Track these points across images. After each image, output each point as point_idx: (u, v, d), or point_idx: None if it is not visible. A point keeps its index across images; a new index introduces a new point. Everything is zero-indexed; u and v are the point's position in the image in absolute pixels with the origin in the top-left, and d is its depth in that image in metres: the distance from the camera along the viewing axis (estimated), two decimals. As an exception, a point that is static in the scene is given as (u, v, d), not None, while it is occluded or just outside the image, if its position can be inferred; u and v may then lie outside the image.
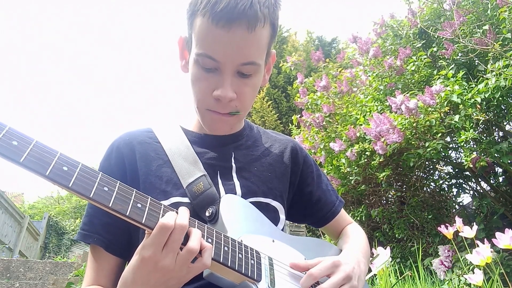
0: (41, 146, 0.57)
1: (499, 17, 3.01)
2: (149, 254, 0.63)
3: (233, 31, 0.76)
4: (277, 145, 1.04)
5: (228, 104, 0.83)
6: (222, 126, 0.89)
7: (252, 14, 0.75)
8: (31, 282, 4.72)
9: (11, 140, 0.54)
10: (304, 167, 1.05)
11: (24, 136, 0.56)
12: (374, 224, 4.32)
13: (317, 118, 3.93)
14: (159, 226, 0.63)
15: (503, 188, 3.71)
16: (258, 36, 0.79)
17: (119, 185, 0.64)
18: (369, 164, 3.52)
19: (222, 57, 0.78)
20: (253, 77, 0.84)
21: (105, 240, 0.85)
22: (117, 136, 0.97)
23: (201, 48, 0.79)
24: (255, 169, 0.96)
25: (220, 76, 0.81)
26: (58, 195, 20.66)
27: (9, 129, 0.55)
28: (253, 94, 0.88)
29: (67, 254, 12.84)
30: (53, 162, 0.57)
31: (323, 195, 1.06)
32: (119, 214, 0.62)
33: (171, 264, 0.64)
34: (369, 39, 4.13)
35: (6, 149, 0.53)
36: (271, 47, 0.90)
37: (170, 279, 0.66)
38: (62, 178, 0.57)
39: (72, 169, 0.59)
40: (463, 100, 2.92)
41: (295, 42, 9.82)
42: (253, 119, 8.44)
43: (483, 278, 1.56)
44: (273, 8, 0.81)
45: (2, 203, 9.18)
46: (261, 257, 0.78)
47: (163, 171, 0.88)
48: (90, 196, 0.59)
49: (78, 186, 0.58)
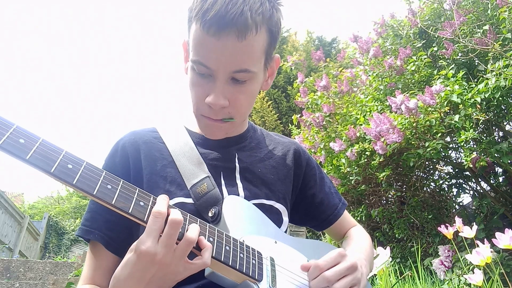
0: (47, 145, 0.59)
1: (499, 17, 3.01)
2: (146, 247, 0.63)
3: (223, 39, 0.75)
4: (280, 147, 1.05)
5: (221, 110, 0.83)
6: (215, 131, 0.89)
7: (241, 22, 0.74)
8: (31, 282, 4.71)
9: (18, 138, 0.56)
10: (307, 169, 1.06)
11: (31, 135, 0.58)
12: (374, 224, 4.32)
13: (317, 117, 3.94)
14: (152, 213, 0.64)
15: (503, 188, 3.71)
16: (251, 44, 0.78)
17: (123, 183, 0.65)
18: (369, 164, 3.52)
19: (214, 65, 0.78)
20: (248, 84, 0.83)
21: (106, 237, 0.85)
22: (122, 135, 0.97)
23: (195, 55, 0.80)
24: (259, 170, 0.96)
25: (214, 83, 0.81)
26: (58, 195, 20.67)
27: (16, 127, 0.56)
28: (249, 101, 0.87)
29: (67, 254, 12.86)
30: (58, 160, 0.58)
31: (326, 197, 1.06)
32: (121, 211, 0.63)
33: (168, 257, 0.64)
34: (370, 39, 4.13)
35: (13, 146, 0.55)
36: (272, 52, 0.89)
37: (166, 274, 0.66)
38: (67, 175, 0.58)
39: (76, 167, 0.60)
40: (463, 100, 2.92)
41: (295, 42, 9.81)
42: (253, 119, 8.43)
43: (483, 278, 1.56)
44: (269, 14, 0.80)
45: (2, 203, 9.18)
46: (263, 258, 0.78)
47: (168, 171, 0.89)
48: (93, 194, 0.60)
49: (82, 183, 0.60)
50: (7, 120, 0.56)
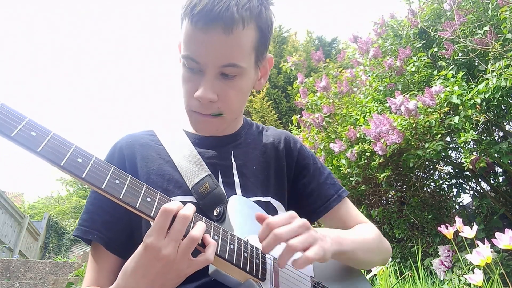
0: (58, 138, 0.60)
1: (499, 17, 3.01)
2: (151, 240, 0.64)
3: (210, 33, 0.77)
4: (271, 139, 1.04)
5: (210, 105, 0.84)
6: (206, 127, 0.89)
7: (228, 16, 0.76)
8: (31, 282, 4.72)
9: (30, 131, 0.57)
10: (300, 158, 1.04)
11: (43, 128, 0.60)
12: (374, 224, 4.32)
13: (317, 118, 3.94)
14: (161, 210, 0.65)
15: (503, 188, 3.72)
16: (239, 39, 0.79)
17: (130, 179, 0.66)
18: (369, 164, 3.52)
19: (203, 59, 0.80)
20: (237, 80, 0.84)
21: (105, 237, 0.85)
22: (119, 138, 0.98)
23: (185, 50, 0.81)
24: (254, 168, 0.97)
25: (203, 77, 0.82)
26: (58, 195, 20.68)
27: (29, 120, 0.58)
28: (239, 97, 0.87)
29: (67, 254, 12.86)
30: (69, 154, 0.60)
31: (318, 187, 1.02)
32: (129, 206, 0.64)
33: (172, 253, 0.64)
34: (370, 39, 4.13)
35: (25, 139, 0.56)
36: (265, 51, 0.89)
37: (170, 270, 0.66)
38: (76, 169, 0.60)
39: (86, 161, 0.62)
40: (462, 101, 2.92)
41: (295, 42, 9.81)
42: (253, 119, 8.43)
43: (483, 278, 1.56)
44: (257, 10, 0.81)
45: (2, 203, 9.19)
46: (266, 257, 0.79)
47: (165, 169, 0.90)
48: (102, 188, 0.61)
49: (91, 177, 0.61)
50: (20, 113, 0.58)
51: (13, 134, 0.55)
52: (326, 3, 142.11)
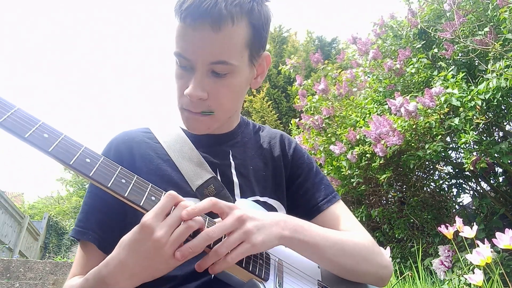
0: (68, 140, 0.66)
1: (499, 17, 3.01)
2: (148, 219, 0.64)
3: (199, 30, 0.76)
4: (267, 140, 1.03)
5: (200, 103, 0.83)
6: (196, 125, 0.87)
7: (215, 13, 0.75)
8: (31, 282, 4.71)
9: (43, 133, 0.63)
10: (295, 157, 1.02)
11: (55, 130, 0.65)
12: (374, 224, 4.33)
13: (316, 120, 3.93)
14: (167, 193, 0.67)
15: (503, 188, 3.72)
16: (228, 36, 0.77)
17: (137, 178, 0.69)
18: (370, 166, 3.52)
19: (192, 55, 0.79)
20: (229, 78, 0.82)
21: (99, 237, 0.85)
22: (115, 135, 0.97)
23: (176, 47, 0.81)
24: (251, 167, 0.95)
25: (193, 74, 0.81)
26: (58, 195, 20.67)
27: (42, 123, 0.64)
28: (231, 95, 0.85)
29: (67, 254, 12.84)
30: (78, 154, 0.65)
31: (312, 187, 0.99)
32: (133, 204, 0.67)
33: (164, 237, 0.64)
34: (369, 40, 4.12)
35: (38, 140, 0.62)
36: (261, 49, 0.86)
37: (158, 254, 0.64)
38: (84, 168, 0.65)
39: (94, 161, 0.66)
40: (462, 103, 2.92)
41: (295, 42, 9.80)
42: (253, 119, 8.44)
43: (483, 278, 1.56)
44: (248, 6, 0.79)
45: (2, 203, 9.18)
46: (270, 258, 0.79)
47: (164, 170, 0.88)
48: (108, 186, 0.65)
49: (98, 176, 0.65)
50: (34, 117, 0.64)
51: (27, 136, 0.61)
52: (326, 3, 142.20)
